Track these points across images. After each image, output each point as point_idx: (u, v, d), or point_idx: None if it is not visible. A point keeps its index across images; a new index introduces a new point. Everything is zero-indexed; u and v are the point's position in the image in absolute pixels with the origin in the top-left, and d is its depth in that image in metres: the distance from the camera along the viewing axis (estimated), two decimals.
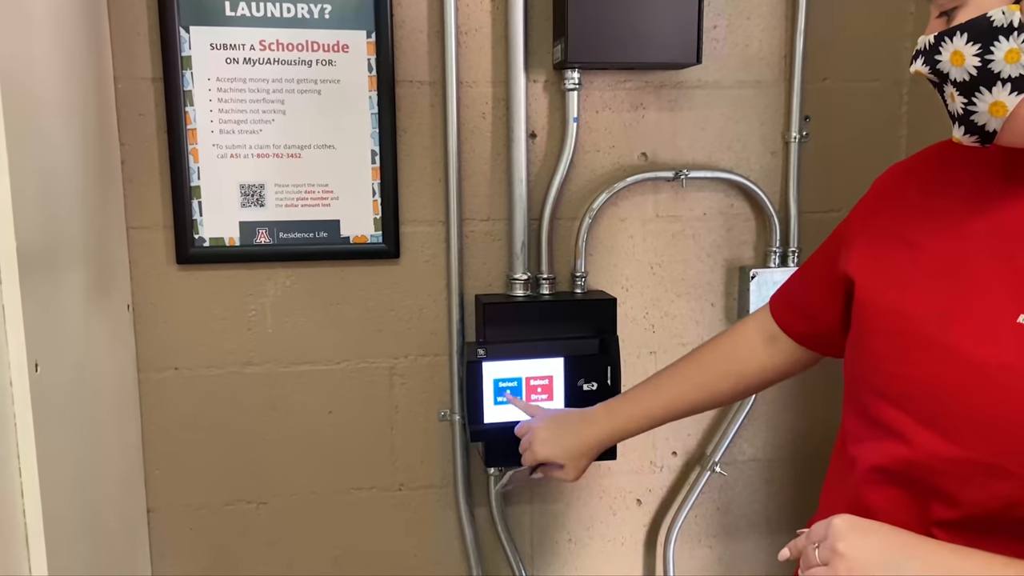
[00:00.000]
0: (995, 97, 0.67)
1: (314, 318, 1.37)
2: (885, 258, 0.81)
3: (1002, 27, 0.66)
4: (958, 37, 0.68)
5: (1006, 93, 0.67)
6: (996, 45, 0.66)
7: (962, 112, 0.70)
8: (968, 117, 0.70)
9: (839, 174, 1.48)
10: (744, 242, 1.47)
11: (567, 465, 1.12)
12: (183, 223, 1.29)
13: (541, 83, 1.37)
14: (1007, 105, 0.67)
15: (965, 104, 0.70)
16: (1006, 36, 0.66)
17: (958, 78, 0.69)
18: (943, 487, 0.74)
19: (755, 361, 1.03)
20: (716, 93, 1.42)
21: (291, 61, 1.29)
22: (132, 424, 1.33)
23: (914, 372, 0.75)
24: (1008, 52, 0.66)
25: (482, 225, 1.39)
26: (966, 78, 0.68)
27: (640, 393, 1.10)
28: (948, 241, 0.76)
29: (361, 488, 1.43)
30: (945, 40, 0.69)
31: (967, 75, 0.68)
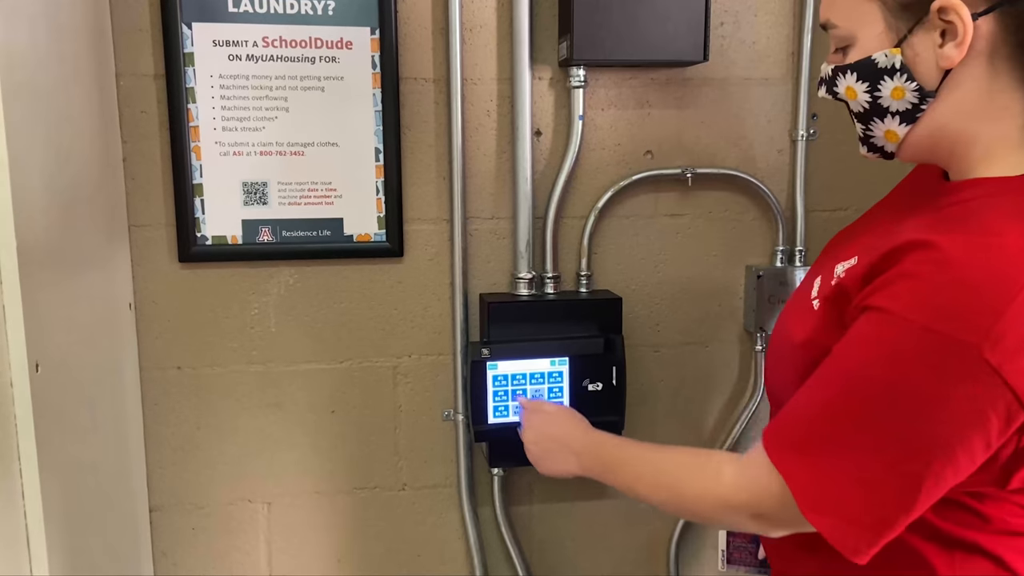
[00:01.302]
0: (887, 127, 0.76)
1: (317, 317, 1.36)
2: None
3: (886, 68, 0.74)
4: (849, 75, 0.76)
5: (896, 123, 0.76)
6: (883, 84, 0.74)
7: (862, 136, 0.80)
8: (868, 140, 0.80)
9: (847, 173, 1.46)
10: (750, 241, 1.46)
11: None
12: (185, 221, 1.28)
13: (546, 80, 1.36)
14: (898, 134, 0.76)
15: (863, 129, 0.79)
16: (890, 76, 0.74)
17: (854, 109, 0.78)
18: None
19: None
20: (723, 91, 1.41)
21: (294, 58, 1.28)
22: (134, 423, 1.32)
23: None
24: (894, 90, 0.74)
25: (486, 223, 1.38)
26: (860, 110, 0.78)
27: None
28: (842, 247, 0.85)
29: (364, 488, 1.43)
30: (840, 75, 0.78)
31: (861, 108, 0.77)
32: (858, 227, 0.91)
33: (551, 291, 1.39)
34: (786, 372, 0.82)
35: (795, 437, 0.75)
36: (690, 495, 0.84)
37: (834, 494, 0.71)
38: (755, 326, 1.45)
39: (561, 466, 1.03)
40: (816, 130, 1.43)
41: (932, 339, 0.66)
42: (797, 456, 0.74)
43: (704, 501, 0.82)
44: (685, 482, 0.85)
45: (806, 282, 0.87)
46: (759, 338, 1.46)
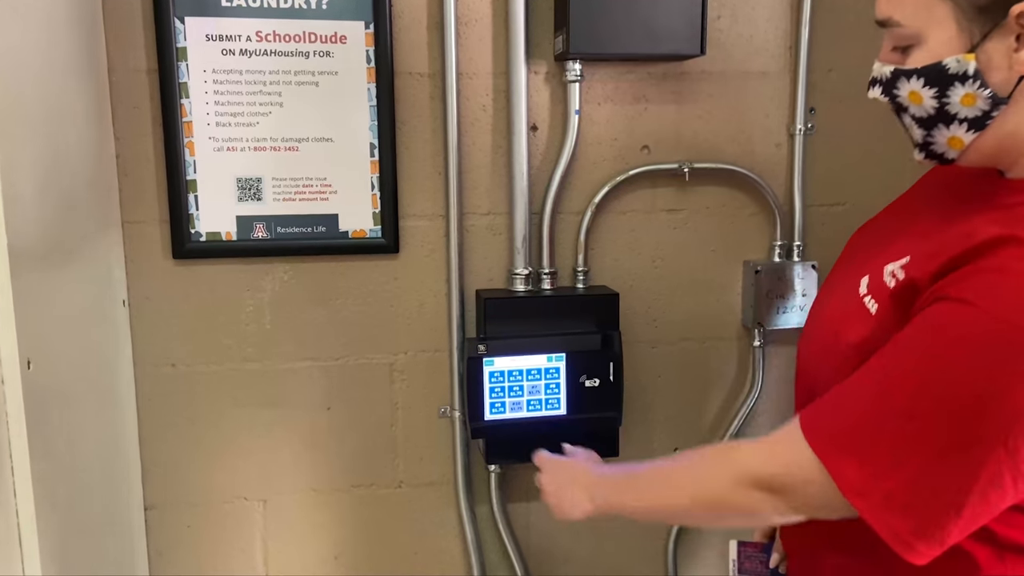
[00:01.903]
0: (952, 133, 0.73)
1: (313, 313, 1.35)
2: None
3: (958, 74, 0.70)
4: (915, 79, 0.72)
5: (963, 131, 0.72)
6: (952, 90, 0.70)
7: (922, 142, 0.76)
8: (928, 146, 0.76)
9: (845, 167, 1.45)
10: (748, 236, 1.45)
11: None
12: (179, 217, 1.27)
13: (542, 75, 1.35)
14: (964, 140, 0.73)
15: (924, 135, 0.75)
16: (961, 83, 0.70)
17: (917, 114, 0.74)
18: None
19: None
20: (720, 85, 1.40)
21: (288, 52, 1.27)
22: (129, 421, 1.31)
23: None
24: (964, 97, 0.70)
25: (483, 219, 1.37)
26: (924, 116, 0.73)
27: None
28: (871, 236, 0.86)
29: (361, 485, 1.42)
30: (902, 79, 0.73)
31: (925, 113, 0.73)
32: (890, 224, 0.87)
33: (548, 287, 1.38)
34: (838, 372, 0.78)
35: (842, 422, 0.72)
36: (704, 477, 0.82)
37: (883, 480, 0.68)
38: (753, 322, 1.44)
39: (576, 507, 0.98)
40: (814, 124, 1.42)
41: (1009, 332, 0.64)
42: (842, 440, 0.71)
43: (717, 479, 0.80)
44: (699, 468, 0.84)
45: (844, 279, 0.83)
46: (757, 334, 1.45)
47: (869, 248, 0.85)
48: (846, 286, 0.82)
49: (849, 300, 0.80)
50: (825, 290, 0.91)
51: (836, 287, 0.86)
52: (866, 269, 0.80)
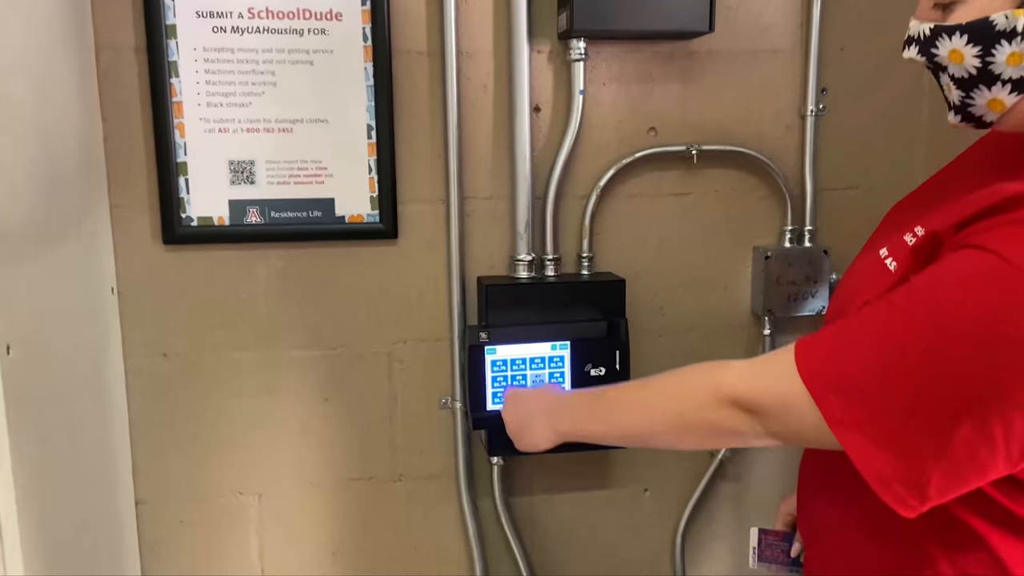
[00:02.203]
0: (994, 95, 0.69)
1: (308, 302, 1.31)
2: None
3: (1004, 31, 0.66)
4: (957, 37, 0.69)
5: (1006, 92, 0.69)
6: (998, 48, 0.67)
7: (959, 103, 0.73)
8: (966, 108, 0.72)
9: (858, 149, 1.41)
10: (758, 221, 1.41)
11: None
12: (169, 201, 1.23)
13: (545, 54, 1.30)
14: (1006, 103, 0.70)
15: (963, 97, 0.72)
16: (1008, 40, 0.66)
17: (956, 74, 0.71)
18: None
19: None
20: (729, 64, 1.35)
21: (281, 30, 1.22)
22: (119, 412, 1.27)
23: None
24: (1010, 55, 0.67)
25: (484, 204, 1.33)
26: (965, 75, 0.70)
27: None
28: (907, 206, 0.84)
29: (359, 479, 1.38)
30: (943, 36, 0.70)
31: (966, 73, 0.70)
32: (916, 202, 0.85)
33: (551, 273, 1.34)
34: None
35: (838, 356, 0.70)
36: (683, 393, 0.80)
37: (871, 415, 0.67)
38: (763, 309, 1.40)
39: (536, 436, 0.99)
40: (826, 105, 1.38)
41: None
42: (835, 375, 0.69)
43: (696, 392, 0.79)
44: (677, 384, 0.82)
45: (866, 254, 0.82)
46: (767, 322, 1.41)
47: (893, 224, 0.83)
48: (868, 258, 0.80)
49: (869, 266, 0.78)
50: (850, 266, 0.87)
51: (857, 263, 0.84)
52: (892, 239, 0.77)
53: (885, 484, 0.67)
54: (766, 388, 0.74)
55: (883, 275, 0.75)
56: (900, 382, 0.66)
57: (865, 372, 0.68)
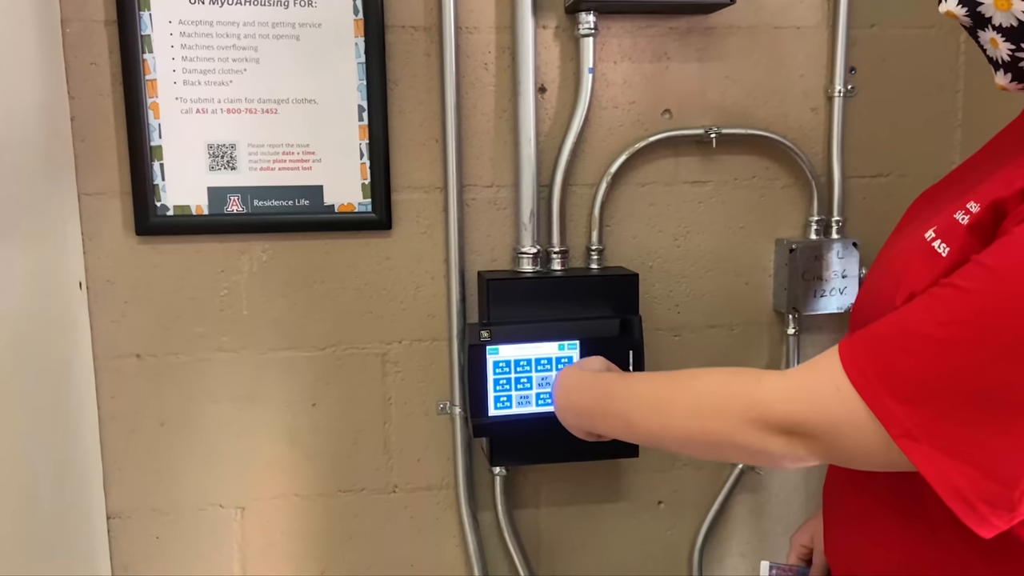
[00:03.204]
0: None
1: (295, 298, 1.21)
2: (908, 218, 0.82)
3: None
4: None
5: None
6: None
7: (1008, 59, 0.66)
8: (1017, 64, 0.66)
9: (888, 134, 1.31)
10: (782, 211, 1.31)
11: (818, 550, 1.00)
12: (143, 189, 1.14)
13: (552, 29, 1.21)
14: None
15: (1013, 51, 0.65)
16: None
17: (1004, 23, 0.64)
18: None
19: None
20: (750, 40, 1.26)
21: (265, 1, 1.13)
22: (88, 419, 1.17)
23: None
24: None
25: (485, 192, 1.24)
26: (1014, 24, 0.63)
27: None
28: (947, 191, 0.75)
29: (350, 490, 1.28)
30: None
31: (1015, 20, 0.63)
32: (957, 181, 0.76)
33: (558, 267, 1.24)
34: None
35: (896, 355, 0.60)
36: (709, 407, 0.71)
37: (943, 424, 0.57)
38: (787, 306, 1.30)
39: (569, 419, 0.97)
40: (855, 86, 1.28)
41: None
42: (894, 376, 0.60)
43: (726, 411, 0.69)
44: (706, 386, 0.73)
45: (906, 235, 0.72)
46: (791, 320, 1.31)
47: (932, 206, 0.73)
48: (909, 239, 0.70)
49: (912, 248, 0.69)
50: (882, 253, 0.77)
51: (896, 244, 0.75)
52: (934, 222, 0.68)
53: (968, 504, 0.57)
54: (811, 406, 0.64)
55: (931, 261, 0.65)
56: (979, 379, 0.56)
57: (934, 371, 0.58)
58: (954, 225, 0.65)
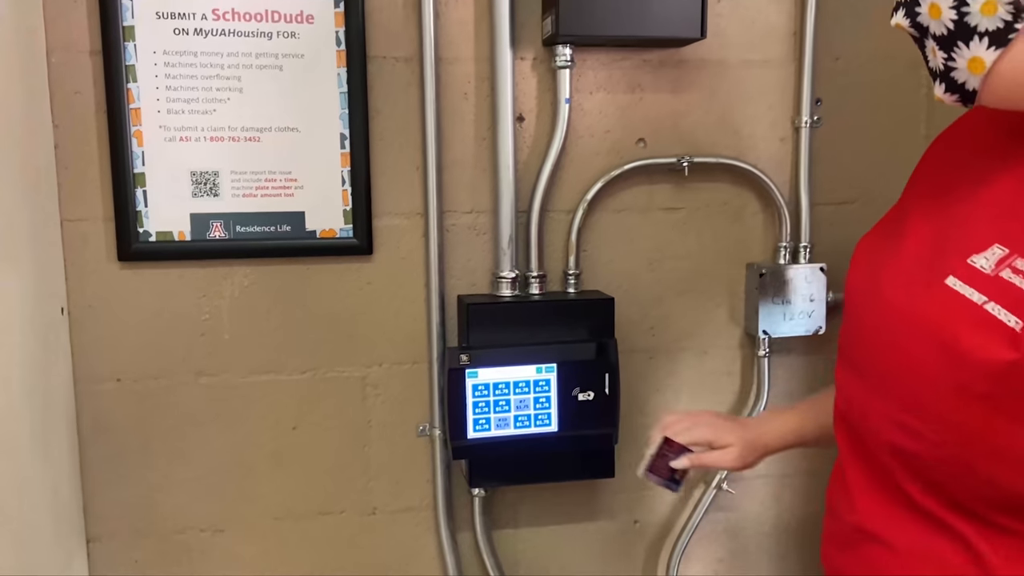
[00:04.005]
0: (973, 52, 0.64)
1: (276, 322, 1.22)
2: (881, 235, 0.81)
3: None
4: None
5: (983, 48, 0.63)
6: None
7: (943, 68, 0.67)
8: (948, 74, 0.67)
9: (854, 162, 1.36)
10: (752, 236, 1.35)
11: (733, 446, 0.99)
12: (125, 215, 1.15)
13: (529, 60, 1.24)
14: (985, 61, 0.64)
15: (945, 59, 0.66)
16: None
17: (937, 32, 0.66)
18: (873, 436, 0.76)
19: None
20: (721, 73, 1.30)
21: (248, 33, 1.15)
22: (67, 442, 1.17)
23: (862, 326, 0.78)
24: (985, 4, 0.62)
25: (465, 218, 1.26)
26: (944, 32, 0.65)
27: (809, 409, 1.00)
28: (929, 216, 0.75)
29: (330, 512, 1.29)
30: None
31: (945, 28, 0.65)
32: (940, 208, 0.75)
33: (536, 291, 1.27)
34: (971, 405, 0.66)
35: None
36: None
37: None
38: (757, 329, 1.33)
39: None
40: (820, 117, 1.33)
41: None
42: None
43: None
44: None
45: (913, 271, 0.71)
46: (762, 342, 1.34)
47: (932, 238, 0.72)
48: (926, 284, 0.69)
49: (949, 305, 0.66)
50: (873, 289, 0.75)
51: (908, 285, 0.72)
52: (946, 264, 0.68)
53: None
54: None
55: (1000, 333, 0.63)
56: None
57: None
58: (1011, 291, 0.63)
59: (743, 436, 0.99)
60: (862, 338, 0.77)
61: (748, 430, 1.00)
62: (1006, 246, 0.66)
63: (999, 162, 0.71)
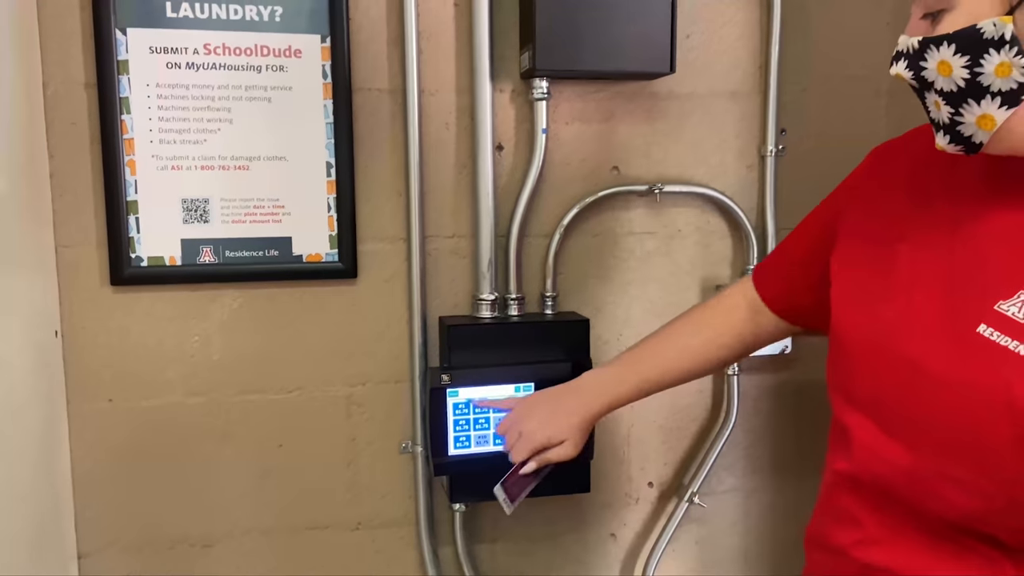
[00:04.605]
0: (984, 110, 0.65)
1: (264, 343, 1.27)
2: (864, 265, 0.80)
3: (993, 39, 0.63)
4: (945, 47, 0.65)
5: (995, 107, 0.64)
6: (986, 58, 0.63)
7: (948, 122, 0.68)
8: (954, 128, 0.67)
9: (817, 189, 1.40)
10: (721, 259, 1.41)
11: (567, 440, 1.02)
12: (118, 241, 1.19)
13: (508, 92, 1.30)
14: (996, 119, 0.65)
15: (952, 114, 0.67)
16: (997, 49, 0.63)
17: (945, 88, 0.66)
18: (904, 496, 0.73)
19: (745, 330, 1.01)
20: (690, 104, 1.36)
21: (239, 66, 1.20)
22: (61, 461, 1.21)
23: (879, 382, 0.74)
24: (999, 66, 0.63)
25: (446, 242, 1.31)
26: (953, 89, 0.66)
27: (635, 360, 1.04)
28: (926, 250, 0.75)
29: (316, 527, 1.32)
30: (931, 47, 0.66)
31: (955, 86, 0.65)
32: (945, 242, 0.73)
33: (515, 313, 1.31)
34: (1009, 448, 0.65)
35: None
36: None
37: None
38: None
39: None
40: (785, 146, 1.39)
41: None
42: None
43: None
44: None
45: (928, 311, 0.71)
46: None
47: (942, 282, 0.72)
48: (956, 336, 0.68)
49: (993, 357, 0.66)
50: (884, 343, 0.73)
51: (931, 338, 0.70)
52: (971, 311, 0.68)
53: None
54: None
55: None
56: None
57: None
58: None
59: (571, 425, 1.02)
60: (883, 395, 0.74)
61: (574, 415, 1.02)
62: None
63: (1004, 200, 0.71)
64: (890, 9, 1.40)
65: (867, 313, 0.76)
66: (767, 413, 1.46)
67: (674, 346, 1.03)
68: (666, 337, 1.04)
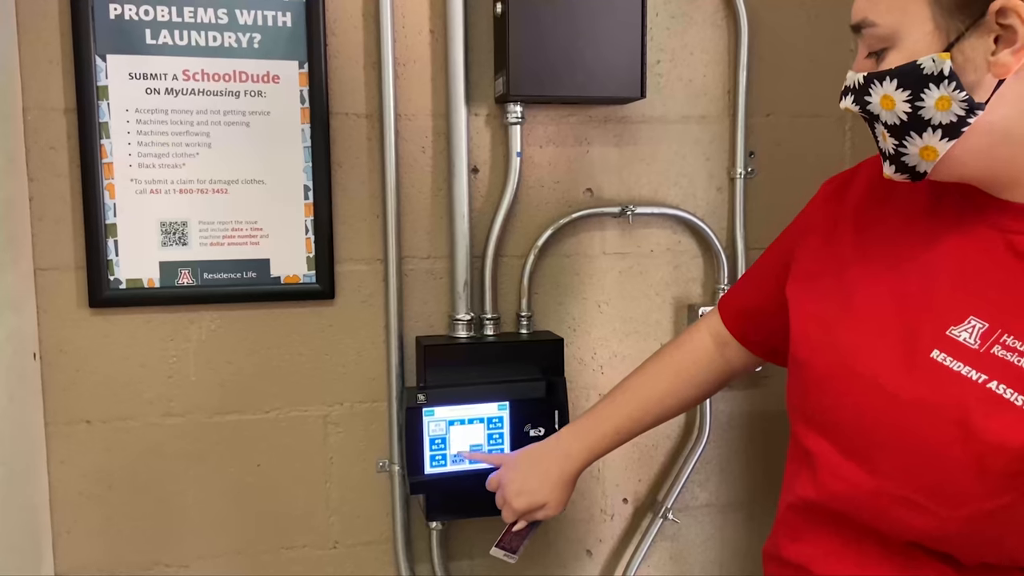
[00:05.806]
0: (926, 142, 0.68)
1: (242, 364, 1.28)
2: (821, 293, 0.81)
3: (932, 75, 0.65)
4: (888, 82, 0.68)
5: (937, 139, 0.67)
6: (926, 93, 0.66)
7: (893, 152, 0.70)
8: (899, 158, 0.70)
9: (785, 209, 1.43)
10: (692, 279, 1.44)
11: (549, 502, 1.07)
12: (97, 263, 1.20)
13: (483, 116, 1.32)
14: (938, 150, 0.67)
15: (896, 146, 0.70)
16: (936, 84, 0.65)
17: (889, 121, 0.69)
18: (864, 519, 0.75)
19: (714, 366, 1.03)
20: (661, 128, 1.39)
21: (217, 92, 1.22)
22: (38, 482, 1.21)
23: (838, 403, 0.75)
24: (939, 100, 0.65)
25: (422, 263, 1.33)
26: (896, 122, 0.68)
27: (608, 409, 1.06)
28: (878, 277, 0.76)
29: (293, 547, 1.33)
30: (875, 83, 0.69)
31: (897, 119, 0.68)
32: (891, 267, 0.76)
33: (491, 333, 1.33)
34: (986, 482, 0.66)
35: None
36: None
37: None
38: None
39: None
40: (754, 168, 1.43)
41: None
42: None
43: None
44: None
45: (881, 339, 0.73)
46: None
47: (893, 304, 0.74)
48: (909, 359, 0.70)
49: (946, 382, 0.68)
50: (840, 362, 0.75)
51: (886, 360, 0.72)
52: (923, 335, 0.70)
53: None
54: None
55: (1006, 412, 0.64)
56: None
57: None
58: (1008, 368, 0.65)
59: (553, 487, 1.06)
60: (842, 418, 0.75)
61: (554, 476, 1.06)
62: (984, 319, 0.68)
63: (950, 226, 0.73)
64: (854, 38, 1.44)
65: (825, 339, 0.78)
66: (740, 429, 1.49)
67: (646, 393, 1.05)
68: (640, 385, 1.06)
